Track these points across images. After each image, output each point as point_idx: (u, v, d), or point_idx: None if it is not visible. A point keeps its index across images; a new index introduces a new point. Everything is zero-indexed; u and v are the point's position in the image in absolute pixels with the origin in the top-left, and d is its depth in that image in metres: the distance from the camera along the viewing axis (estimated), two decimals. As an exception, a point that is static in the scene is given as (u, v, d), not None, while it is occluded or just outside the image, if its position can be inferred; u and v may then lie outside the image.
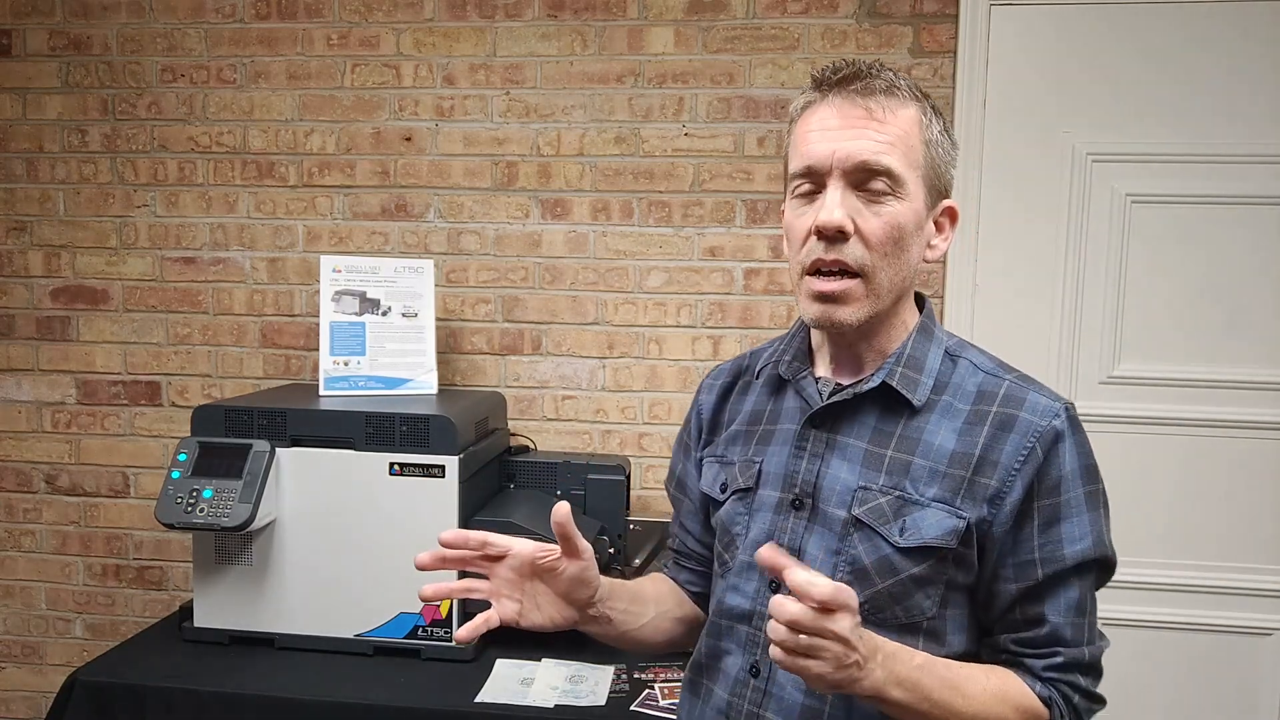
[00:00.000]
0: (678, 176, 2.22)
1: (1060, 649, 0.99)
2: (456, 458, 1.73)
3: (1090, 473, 1.00)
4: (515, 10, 2.23)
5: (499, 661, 1.75)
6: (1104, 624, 1.02)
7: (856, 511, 1.00)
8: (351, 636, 1.77)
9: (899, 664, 0.91)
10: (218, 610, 1.80)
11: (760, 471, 1.07)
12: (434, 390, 2.05)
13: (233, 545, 1.78)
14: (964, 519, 0.97)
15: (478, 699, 1.61)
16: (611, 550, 1.87)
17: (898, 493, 0.99)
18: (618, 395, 2.28)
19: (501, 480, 2.01)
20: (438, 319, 2.20)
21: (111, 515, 2.44)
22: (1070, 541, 0.98)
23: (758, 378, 1.15)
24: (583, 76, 2.23)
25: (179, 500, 1.72)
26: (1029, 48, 2.11)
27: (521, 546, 1.03)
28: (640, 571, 1.84)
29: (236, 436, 1.78)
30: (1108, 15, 2.08)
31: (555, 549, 1.02)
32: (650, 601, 1.18)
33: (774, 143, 2.19)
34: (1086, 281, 2.14)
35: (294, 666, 1.72)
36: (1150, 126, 2.09)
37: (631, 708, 1.59)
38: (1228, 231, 2.09)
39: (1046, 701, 0.99)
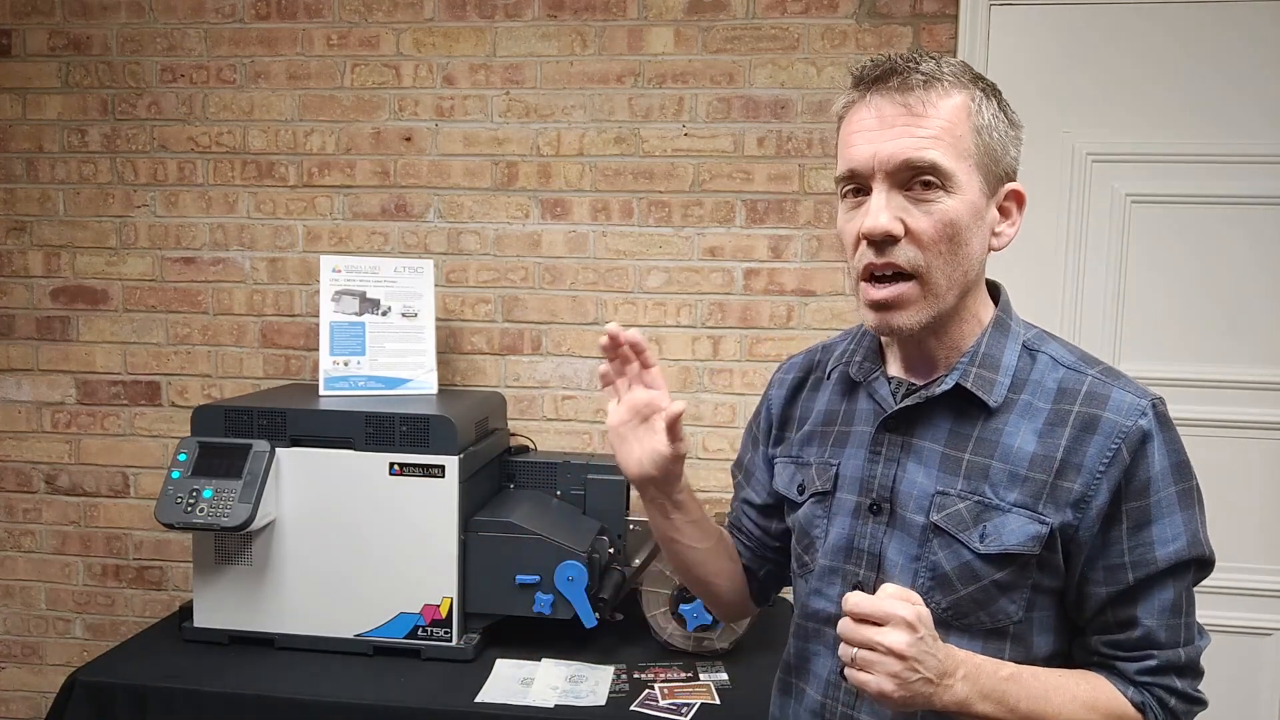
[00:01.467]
0: (678, 176, 2.22)
1: (1154, 651, 0.96)
2: (456, 458, 1.73)
3: (1181, 470, 0.97)
4: (515, 10, 2.23)
5: (499, 661, 1.75)
6: None
7: (935, 518, 0.98)
8: (351, 636, 1.77)
9: (984, 678, 0.91)
10: (218, 610, 1.80)
11: (837, 475, 1.06)
12: (434, 390, 2.05)
13: (233, 545, 1.78)
14: (1047, 524, 0.94)
15: (478, 699, 1.61)
16: (611, 550, 1.87)
17: (976, 497, 0.96)
18: (618, 395, 2.28)
19: (501, 480, 2.01)
20: (438, 319, 2.20)
21: (111, 515, 2.44)
22: (1162, 543, 0.94)
23: (829, 376, 1.13)
24: (583, 76, 2.23)
25: (179, 500, 1.72)
26: (1029, 48, 2.11)
27: (656, 385, 1.08)
28: (640, 571, 1.84)
29: (236, 436, 1.78)
30: (1107, 15, 2.08)
31: (673, 407, 1.04)
32: (716, 534, 1.21)
33: (774, 143, 2.19)
34: (1086, 281, 2.14)
35: (294, 666, 1.72)
36: (1150, 126, 2.09)
37: (631, 707, 1.59)
38: (1228, 231, 2.09)
39: (1140, 707, 0.96)
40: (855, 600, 0.87)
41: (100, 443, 2.42)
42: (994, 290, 1.06)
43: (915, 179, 0.92)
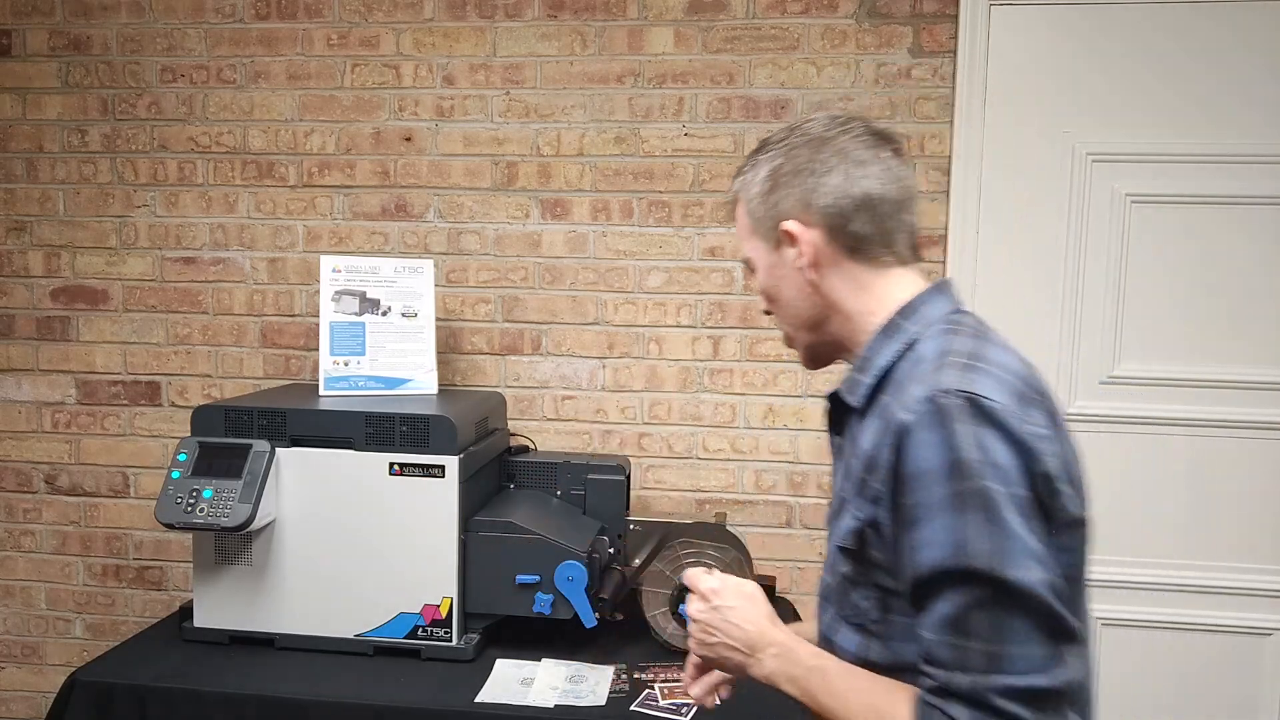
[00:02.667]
0: (678, 176, 2.22)
1: (931, 669, 0.87)
2: (456, 458, 1.73)
3: (956, 470, 0.85)
4: (515, 10, 2.23)
5: (499, 661, 1.75)
6: (1105, 624, 1.00)
7: (829, 513, 1.10)
8: (351, 636, 1.77)
9: (793, 661, 0.99)
10: (218, 610, 1.80)
11: None
12: (434, 390, 2.05)
13: (233, 545, 1.78)
14: (858, 519, 0.96)
15: (478, 699, 1.61)
16: (611, 550, 1.87)
17: (841, 495, 1.04)
18: (618, 395, 2.28)
19: (501, 480, 2.01)
20: (438, 319, 2.20)
21: (111, 515, 2.43)
22: (923, 548, 0.86)
23: None
24: (583, 76, 2.23)
25: (179, 500, 1.71)
26: (1029, 47, 2.11)
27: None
28: (640, 571, 1.84)
29: (236, 436, 1.78)
30: (1108, 15, 2.08)
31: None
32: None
33: (774, 143, 2.18)
34: (1086, 281, 2.14)
35: (294, 666, 1.72)
36: (1150, 126, 2.09)
37: (631, 708, 1.59)
38: (1228, 231, 2.09)
39: None
40: (687, 576, 1.11)
41: (100, 443, 2.42)
42: (922, 297, 1.05)
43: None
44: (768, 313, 1.14)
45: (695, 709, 1.58)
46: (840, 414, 1.07)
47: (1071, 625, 0.85)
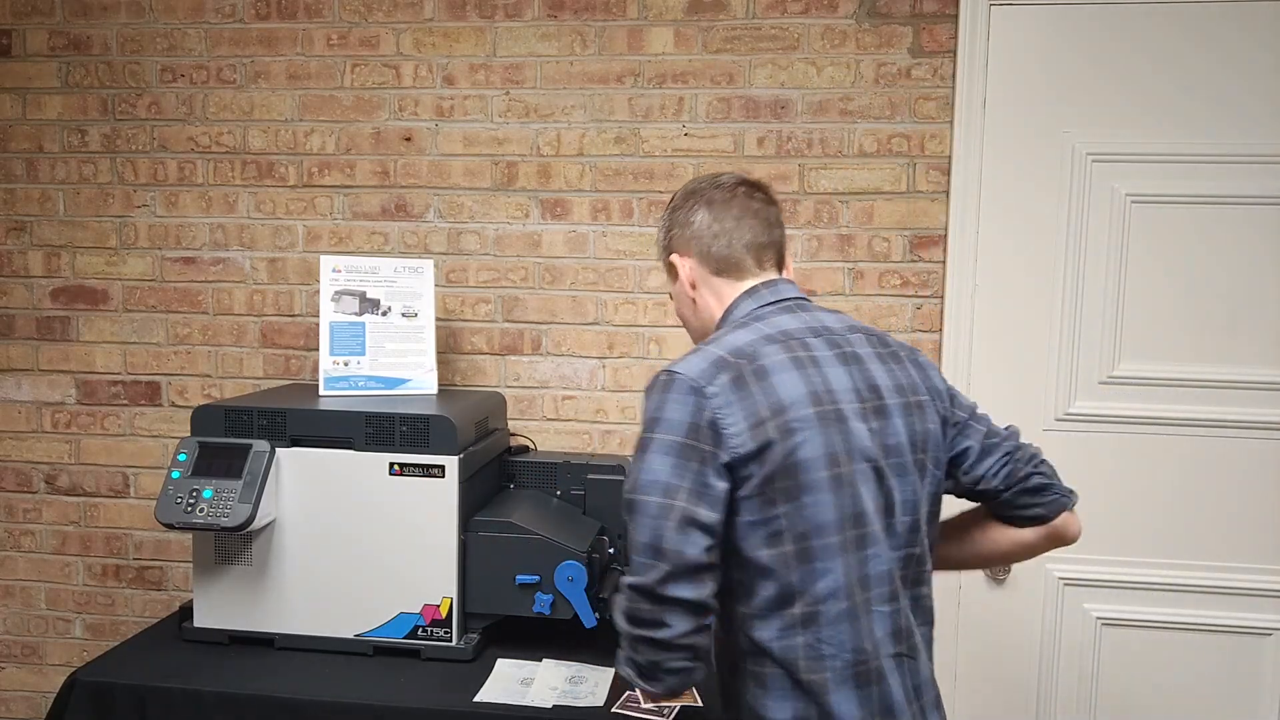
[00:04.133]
0: (678, 176, 2.22)
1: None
2: (456, 458, 1.73)
3: (643, 426, 1.24)
4: (515, 10, 2.23)
5: (499, 661, 1.75)
6: (1105, 624, 1.01)
7: None
8: (351, 636, 1.77)
9: None
10: (218, 610, 1.80)
11: None
12: (434, 390, 2.05)
13: (233, 545, 1.78)
14: None
15: (477, 699, 1.61)
16: (611, 550, 1.87)
17: None
18: (618, 395, 2.28)
19: (501, 480, 2.01)
20: (438, 319, 2.20)
21: (111, 515, 2.44)
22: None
23: None
24: (583, 76, 2.23)
25: (179, 500, 1.72)
26: (1029, 48, 2.11)
27: None
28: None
29: (236, 436, 1.78)
30: (1108, 15, 2.08)
31: None
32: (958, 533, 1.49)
33: (774, 143, 2.19)
34: (1086, 281, 2.13)
35: (294, 666, 1.72)
36: (1150, 126, 2.09)
37: (614, 709, 1.59)
38: (1228, 231, 2.09)
39: None
40: None
41: (100, 443, 2.42)
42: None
43: None
44: None
45: (676, 709, 1.58)
46: None
47: (670, 545, 1.15)
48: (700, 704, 1.60)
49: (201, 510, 1.70)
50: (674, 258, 1.41)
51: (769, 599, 1.18)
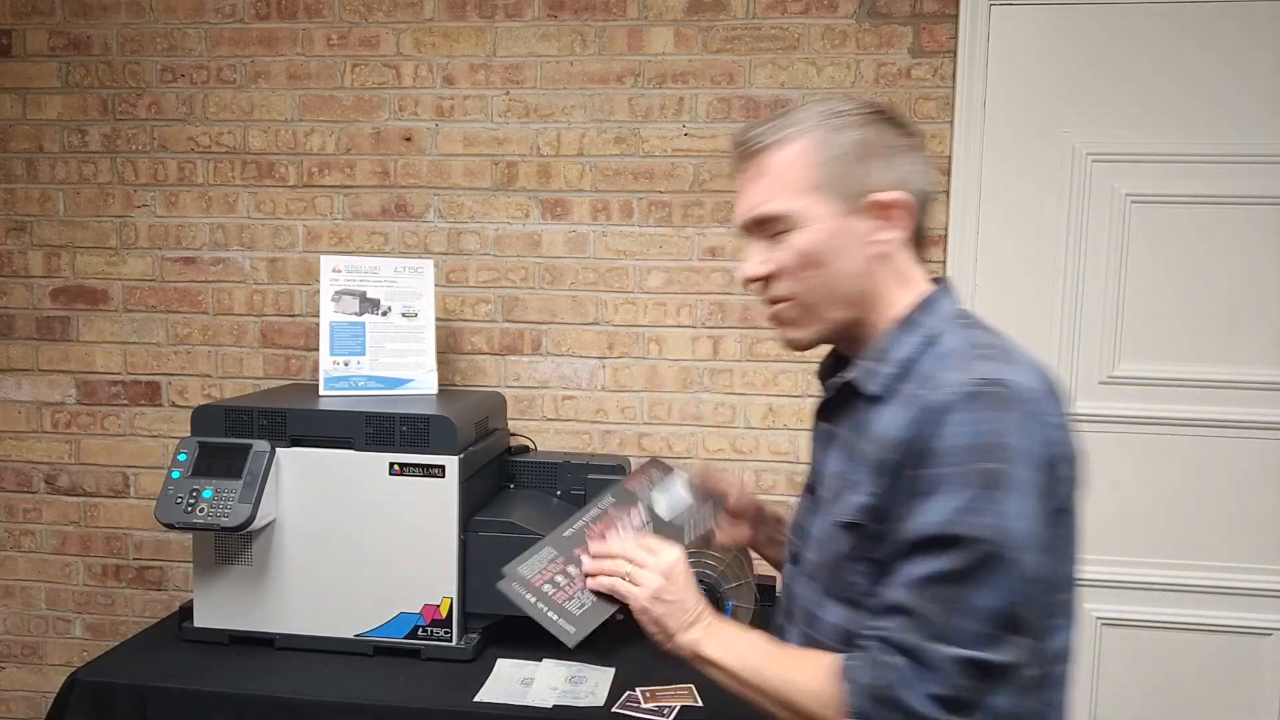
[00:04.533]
0: (678, 176, 2.22)
1: (883, 621, 0.93)
2: (456, 458, 1.73)
3: (978, 449, 0.89)
4: (515, 10, 2.23)
5: (499, 661, 1.75)
6: (1105, 624, 1.01)
7: (821, 490, 1.11)
8: (351, 636, 1.77)
9: (724, 631, 1.12)
10: (218, 610, 1.80)
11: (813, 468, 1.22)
12: (434, 390, 2.05)
13: (233, 545, 1.78)
14: (873, 495, 0.97)
15: (477, 699, 1.61)
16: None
17: (848, 475, 1.04)
18: (618, 395, 2.28)
19: (501, 480, 2.01)
20: (438, 319, 2.20)
21: (111, 515, 2.44)
22: (925, 514, 0.90)
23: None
24: (583, 76, 2.23)
25: (179, 500, 1.71)
26: (1029, 48, 2.11)
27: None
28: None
29: (236, 436, 1.78)
30: (1107, 15, 2.08)
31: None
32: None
33: (774, 143, 2.18)
34: (1086, 281, 2.14)
35: (294, 666, 1.72)
36: (1150, 126, 2.09)
37: (614, 709, 1.59)
38: (1228, 231, 2.09)
39: (847, 669, 0.94)
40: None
41: (100, 443, 2.42)
42: (933, 291, 1.10)
43: (766, 228, 1.07)
44: (768, 279, 1.08)
45: (677, 710, 1.58)
46: (840, 403, 1.10)
47: (1029, 615, 0.90)
48: (700, 704, 1.60)
49: (201, 510, 1.70)
50: (895, 196, 1.03)
51: None
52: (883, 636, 0.93)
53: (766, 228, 1.07)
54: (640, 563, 1.16)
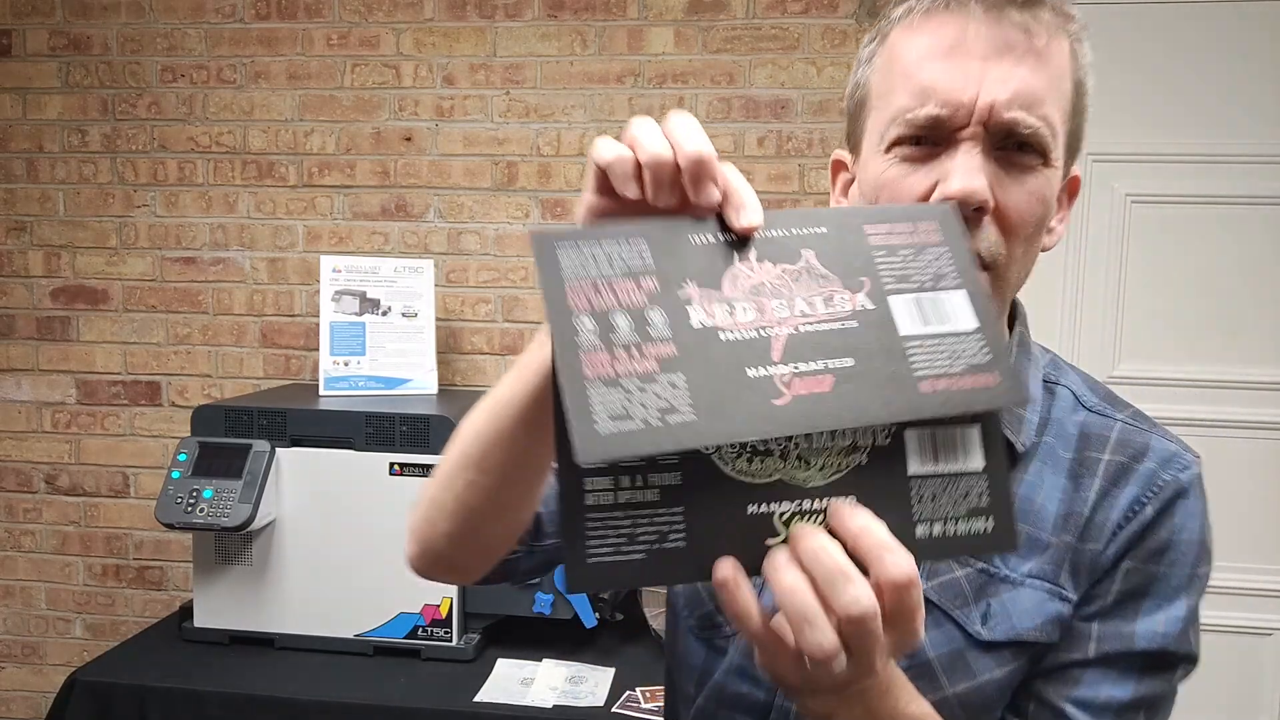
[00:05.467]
0: (678, 176, 2.22)
1: None
2: (456, 458, 1.73)
3: (1205, 550, 0.75)
4: (515, 10, 2.23)
5: (499, 661, 1.76)
6: None
7: (922, 587, 0.58)
8: (351, 636, 1.77)
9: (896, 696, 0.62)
10: (218, 610, 1.80)
11: None
12: (434, 390, 2.05)
13: (233, 545, 1.78)
14: (1069, 602, 0.73)
15: (477, 699, 1.61)
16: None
17: (982, 564, 0.74)
18: (618, 395, 2.28)
19: (501, 480, 2.01)
20: (438, 319, 2.20)
21: (111, 515, 2.43)
22: (1153, 624, 0.74)
23: None
24: (583, 76, 2.23)
25: (179, 500, 1.72)
26: (1029, 48, 2.11)
27: None
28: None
29: (236, 436, 1.78)
30: (1107, 15, 2.08)
31: None
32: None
33: (774, 143, 2.19)
34: (1086, 282, 2.14)
35: (294, 666, 1.72)
36: (1150, 126, 2.09)
37: (614, 709, 1.59)
38: (1228, 231, 2.09)
39: None
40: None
41: (100, 443, 2.42)
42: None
43: (1014, 141, 0.67)
44: (976, 217, 0.66)
45: None
46: None
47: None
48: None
49: (201, 510, 1.70)
50: (1077, 172, 0.76)
51: None
52: None
53: (1014, 142, 0.67)
54: (852, 576, 0.51)
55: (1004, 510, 0.55)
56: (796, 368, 0.52)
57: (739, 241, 0.55)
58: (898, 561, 0.50)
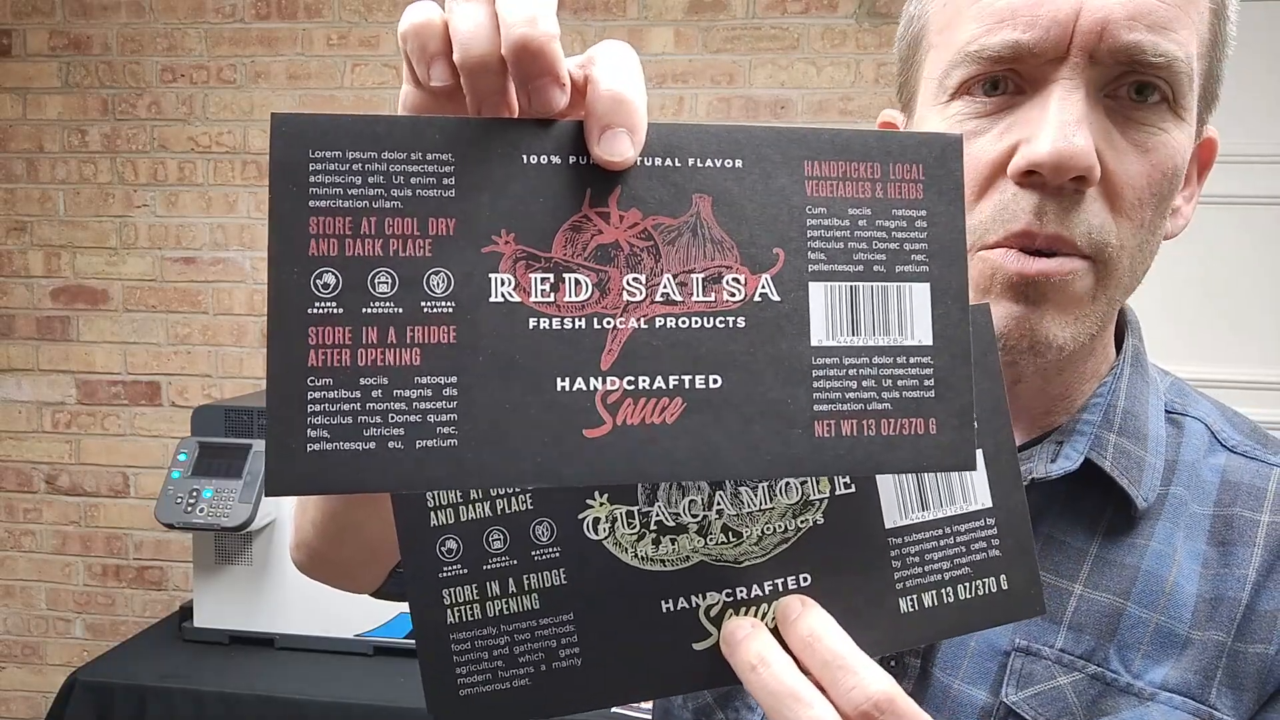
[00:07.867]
0: (678, 176, 2.22)
1: None
2: (456, 458, 1.73)
3: None
4: (515, 10, 2.23)
5: (499, 661, 1.76)
6: None
7: (1012, 697, 0.52)
8: (351, 636, 1.77)
9: None
10: (218, 610, 1.80)
11: None
12: (434, 390, 2.05)
13: (233, 545, 1.78)
14: (1196, 712, 0.52)
15: (478, 699, 1.61)
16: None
17: (1095, 667, 0.53)
18: (618, 395, 2.28)
19: (501, 480, 2.01)
20: (438, 319, 2.20)
21: (111, 515, 2.43)
22: None
23: None
24: (583, 76, 2.23)
25: (179, 500, 1.72)
26: (1029, 48, 2.11)
27: None
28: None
29: (236, 436, 1.78)
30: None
31: None
32: None
33: (774, 143, 2.19)
34: (1086, 281, 2.14)
35: (294, 666, 1.72)
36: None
37: (613, 709, 1.59)
38: (1228, 231, 2.09)
39: None
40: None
41: (100, 443, 2.42)
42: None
43: (1131, 85, 0.49)
44: (1073, 187, 0.48)
45: None
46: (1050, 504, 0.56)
47: None
48: None
49: (201, 510, 1.70)
50: (1214, 136, 0.58)
51: None
52: None
53: (1131, 86, 0.49)
54: (803, 697, 0.39)
55: (1021, 561, 0.41)
56: (631, 383, 0.35)
57: (600, 171, 0.36)
58: (859, 683, 0.37)
